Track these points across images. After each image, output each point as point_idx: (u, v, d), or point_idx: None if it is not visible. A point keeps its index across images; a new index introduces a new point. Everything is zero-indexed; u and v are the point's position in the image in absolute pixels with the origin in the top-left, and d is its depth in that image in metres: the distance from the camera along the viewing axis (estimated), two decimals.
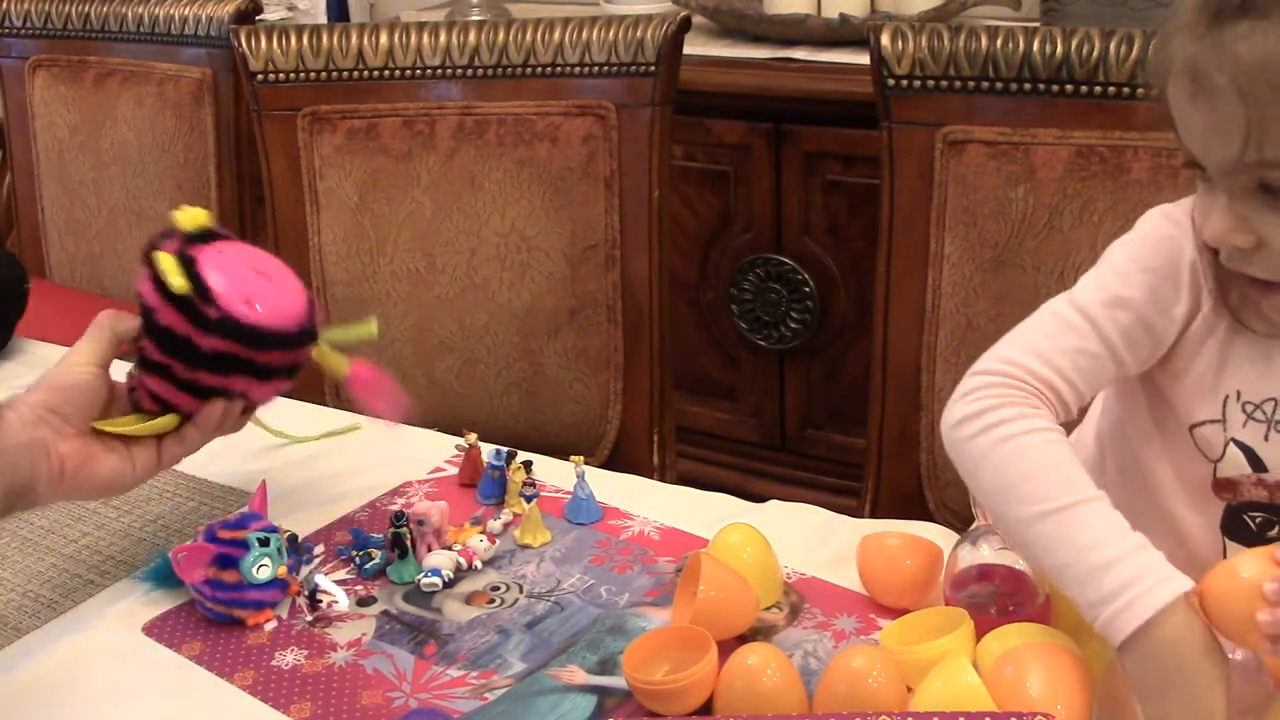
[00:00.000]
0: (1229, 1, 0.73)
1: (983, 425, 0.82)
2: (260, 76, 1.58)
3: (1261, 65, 0.72)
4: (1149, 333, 0.84)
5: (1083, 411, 0.94)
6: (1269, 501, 0.84)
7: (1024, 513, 0.79)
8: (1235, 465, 0.83)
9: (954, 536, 0.99)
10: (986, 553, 0.91)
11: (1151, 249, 0.85)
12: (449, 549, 1.06)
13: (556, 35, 1.51)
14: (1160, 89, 0.79)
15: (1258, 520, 0.85)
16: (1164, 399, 0.87)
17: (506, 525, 1.11)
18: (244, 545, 0.98)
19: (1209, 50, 0.74)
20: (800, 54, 2.09)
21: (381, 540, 1.07)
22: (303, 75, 1.57)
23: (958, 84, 1.31)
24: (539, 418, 1.58)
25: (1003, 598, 0.90)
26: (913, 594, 0.97)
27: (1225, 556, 0.88)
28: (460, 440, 1.20)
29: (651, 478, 1.39)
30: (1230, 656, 0.74)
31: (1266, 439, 0.82)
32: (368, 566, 1.05)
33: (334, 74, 1.57)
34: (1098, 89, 1.26)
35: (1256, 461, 0.83)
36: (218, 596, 0.98)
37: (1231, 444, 0.83)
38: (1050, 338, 0.85)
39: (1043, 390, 0.83)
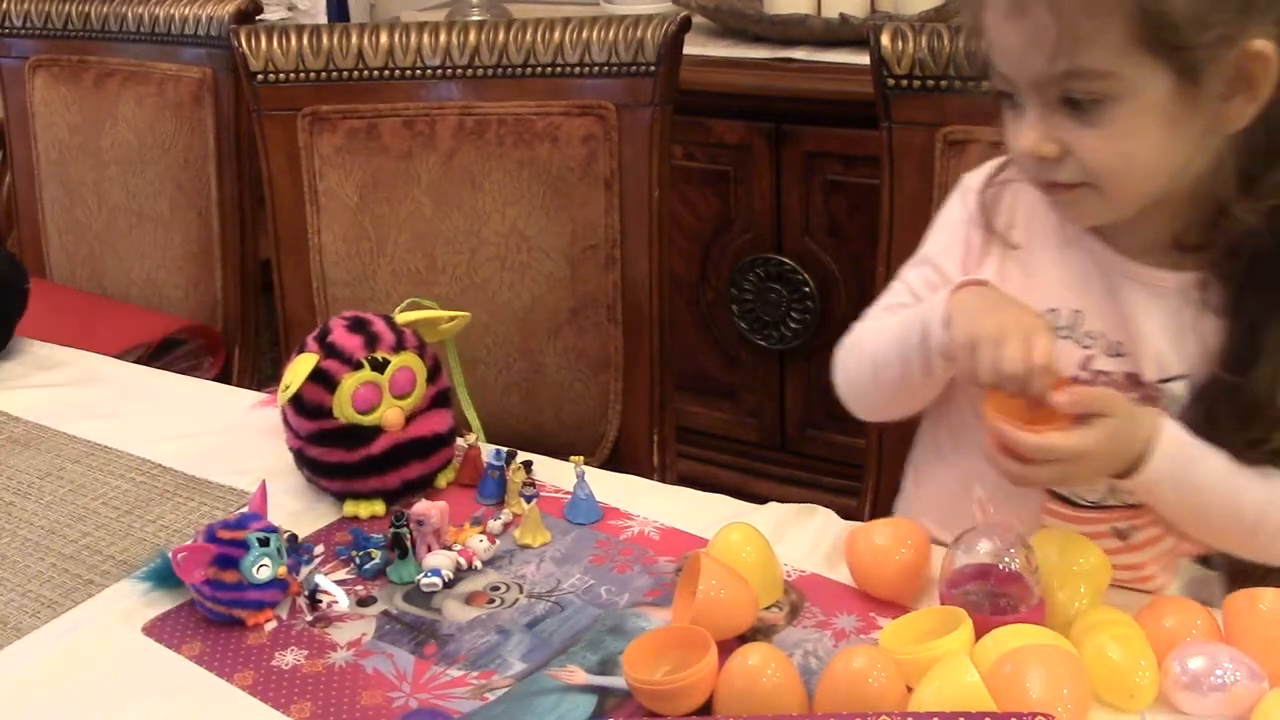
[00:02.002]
0: None
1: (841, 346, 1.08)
2: (260, 76, 1.58)
3: None
4: (946, 281, 1.01)
5: None
6: None
7: (870, 348, 1.05)
8: None
9: None
10: (982, 553, 0.91)
11: (944, 211, 1.07)
12: (449, 549, 1.07)
13: (556, 35, 1.51)
14: (975, 21, 0.91)
15: None
16: None
17: (506, 525, 1.11)
18: (244, 545, 0.98)
19: None
20: (800, 54, 2.09)
21: (381, 540, 1.07)
22: (303, 75, 1.57)
23: (958, 84, 1.31)
24: (539, 418, 1.58)
25: (997, 597, 0.90)
26: (902, 584, 0.97)
27: None
28: (460, 440, 1.21)
29: (651, 478, 1.39)
30: None
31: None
32: (368, 566, 1.05)
33: (334, 74, 1.57)
34: None
35: None
36: (218, 596, 0.98)
37: None
38: (881, 301, 1.09)
39: None
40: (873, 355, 1.05)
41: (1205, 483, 0.92)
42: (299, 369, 1.10)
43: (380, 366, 1.11)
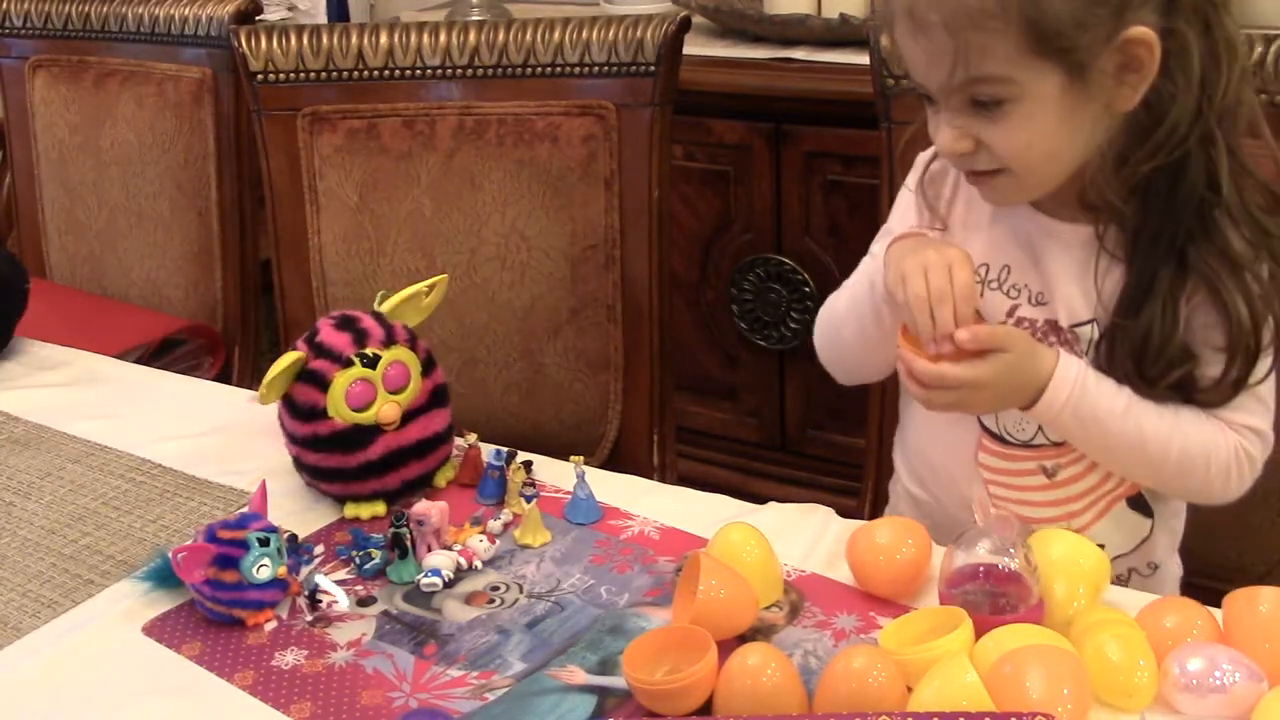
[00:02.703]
0: None
1: (817, 322, 1.20)
2: (260, 76, 1.58)
3: (960, 5, 0.93)
4: None
5: None
6: None
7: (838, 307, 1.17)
8: None
9: None
10: (982, 553, 0.91)
11: (902, 189, 1.17)
12: (449, 549, 1.07)
13: (556, 35, 1.51)
14: (890, 39, 1.02)
15: None
16: None
17: (506, 525, 1.11)
18: (244, 545, 0.98)
19: None
20: (800, 54, 2.09)
21: (381, 540, 1.07)
22: (303, 75, 1.57)
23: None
24: (539, 418, 1.58)
25: (997, 597, 0.90)
26: (903, 584, 0.97)
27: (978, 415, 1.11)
28: (460, 440, 1.21)
29: (651, 478, 1.39)
30: None
31: (984, 294, 1.08)
32: (368, 566, 1.05)
33: (334, 74, 1.57)
34: None
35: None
36: (218, 596, 0.98)
37: None
38: (851, 277, 1.18)
39: None
40: (836, 315, 1.17)
41: (1104, 412, 1.01)
42: (278, 365, 1.10)
43: (371, 362, 1.11)
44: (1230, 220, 0.99)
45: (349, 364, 1.10)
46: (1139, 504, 1.12)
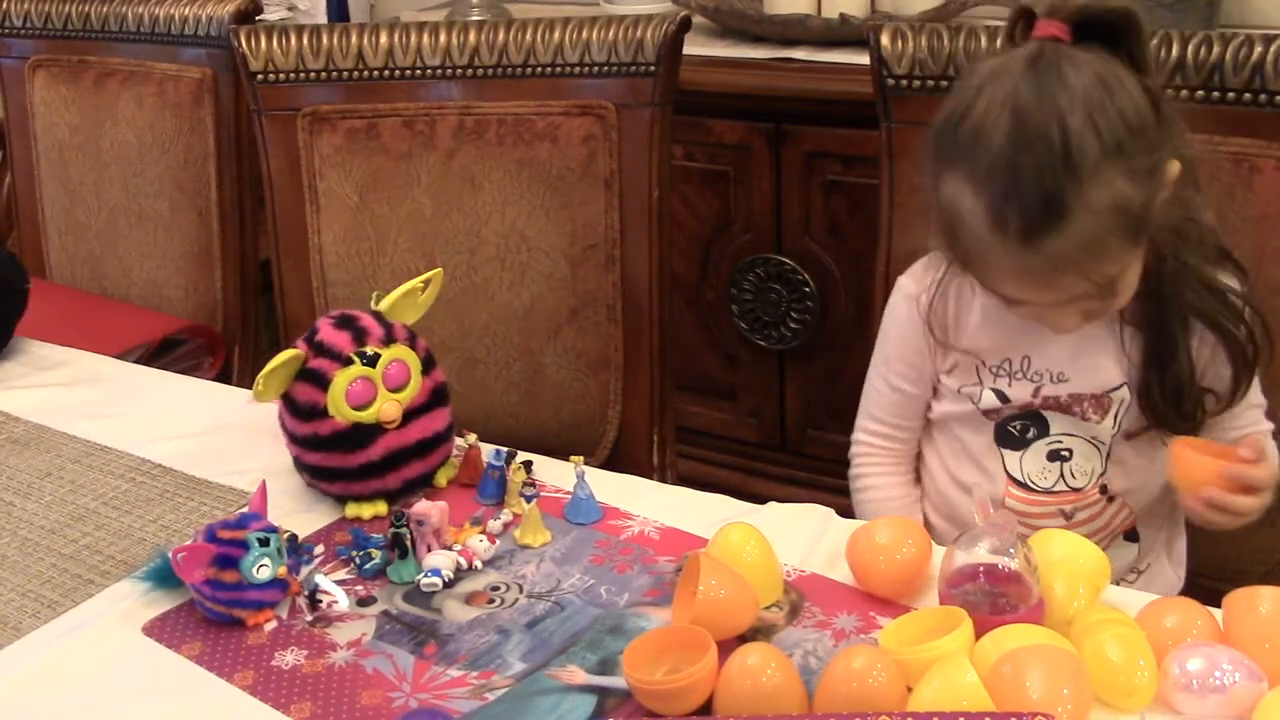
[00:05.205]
0: (1034, 223, 1.00)
1: (856, 488, 1.31)
2: (260, 76, 1.58)
3: (1084, 246, 1.01)
4: (915, 366, 1.24)
5: None
6: (1019, 413, 1.19)
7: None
8: (989, 401, 1.20)
9: None
10: (982, 553, 0.91)
11: (891, 318, 1.25)
12: (449, 549, 1.07)
13: (556, 35, 1.51)
14: (971, 255, 1.08)
15: (1017, 427, 1.19)
16: (943, 382, 1.24)
17: (506, 525, 1.11)
18: (244, 545, 0.98)
19: (1036, 261, 1.02)
20: (800, 54, 2.09)
21: (381, 540, 1.07)
22: (303, 75, 1.57)
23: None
24: (539, 418, 1.58)
25: (997, 597, 0.90)
26: (903, 584, 0.97)
27: (1003, 464, 1.21)
28: (460, 440, 1.21)
29: (651, 478, 1.39)
30: None
31: (1010, 384, 1.19)
32: (368, 566, 1.05)
33: (334, 74, 1.57)
34: None
35: (1004, 396, 1.19)
36: (218, 596, 0.98)
37: (988, 391, 1.19)
38: (870, 404, 1.29)
39: (885, 445, 1.28)
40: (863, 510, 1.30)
41: None
42: (274, 361, 1.10)
43: (371, 360, 1.11)
44: (1209, 263, 1.14)
45: (349, 362, 1.10)
46: (1131, 535, 1.23)
